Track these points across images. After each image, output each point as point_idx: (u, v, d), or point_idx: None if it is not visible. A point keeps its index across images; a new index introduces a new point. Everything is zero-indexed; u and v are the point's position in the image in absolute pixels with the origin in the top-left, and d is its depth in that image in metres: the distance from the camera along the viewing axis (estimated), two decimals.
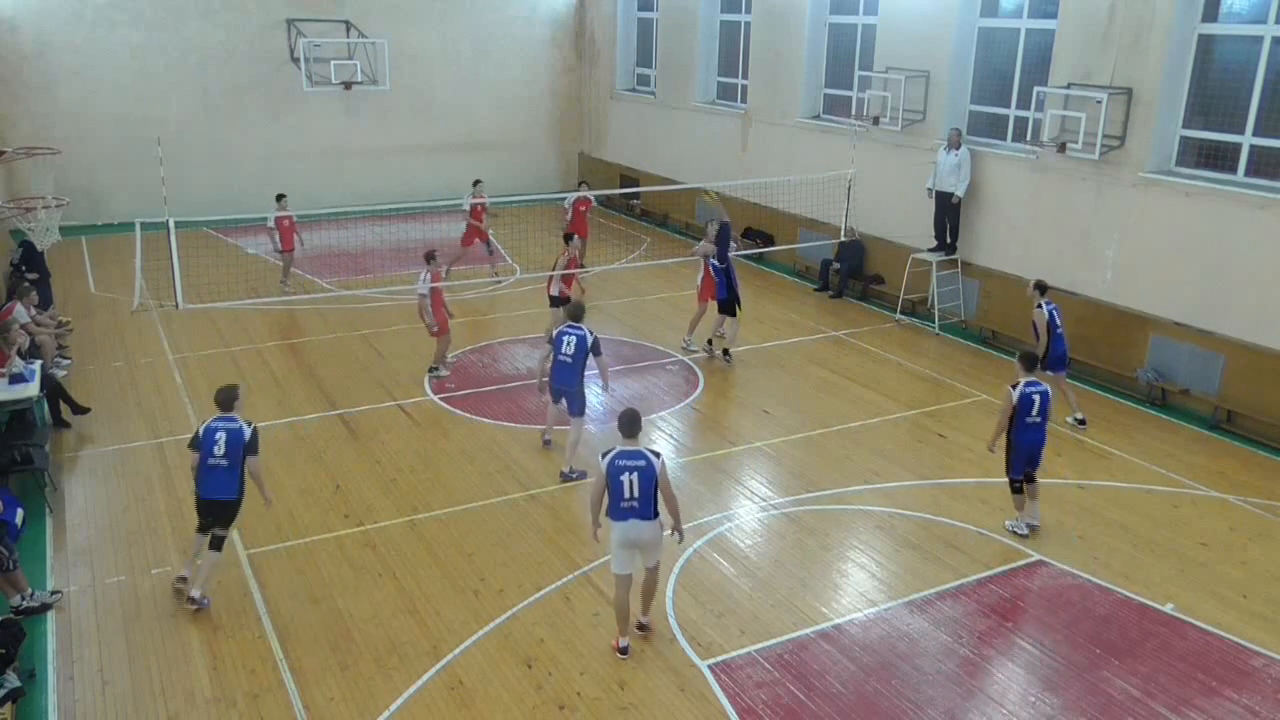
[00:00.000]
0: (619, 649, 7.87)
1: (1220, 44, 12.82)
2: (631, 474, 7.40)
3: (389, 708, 7.23)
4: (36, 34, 20.59)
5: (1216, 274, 12.57)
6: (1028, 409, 9.33)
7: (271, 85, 22.75)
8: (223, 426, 8.31)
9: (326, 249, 18.58)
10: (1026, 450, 9.48)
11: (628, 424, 7.65)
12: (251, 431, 8.33)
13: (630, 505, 7.45)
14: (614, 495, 7.47)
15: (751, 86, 20.55)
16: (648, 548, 7.68)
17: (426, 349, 14.12)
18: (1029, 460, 9.55)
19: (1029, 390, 9.33)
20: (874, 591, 8.81)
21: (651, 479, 7.45)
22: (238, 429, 8.30)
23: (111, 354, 14.22)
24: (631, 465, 7.42)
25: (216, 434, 8.27)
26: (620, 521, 7.52)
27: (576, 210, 18.22)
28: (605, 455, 7.52)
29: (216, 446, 8.23)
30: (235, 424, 8.33)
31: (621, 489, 7.42)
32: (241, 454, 8.26)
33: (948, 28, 15.90)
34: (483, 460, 11.15)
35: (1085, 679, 7.69)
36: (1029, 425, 9.39)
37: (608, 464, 7.45)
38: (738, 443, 11.74)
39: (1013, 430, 9.41)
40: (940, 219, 15.92)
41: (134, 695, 7.36)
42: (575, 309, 11.07)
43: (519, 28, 25.28)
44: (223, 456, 8.23)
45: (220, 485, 8.25)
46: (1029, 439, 9.44)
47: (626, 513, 7.48)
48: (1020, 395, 9.31)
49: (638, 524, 7.50)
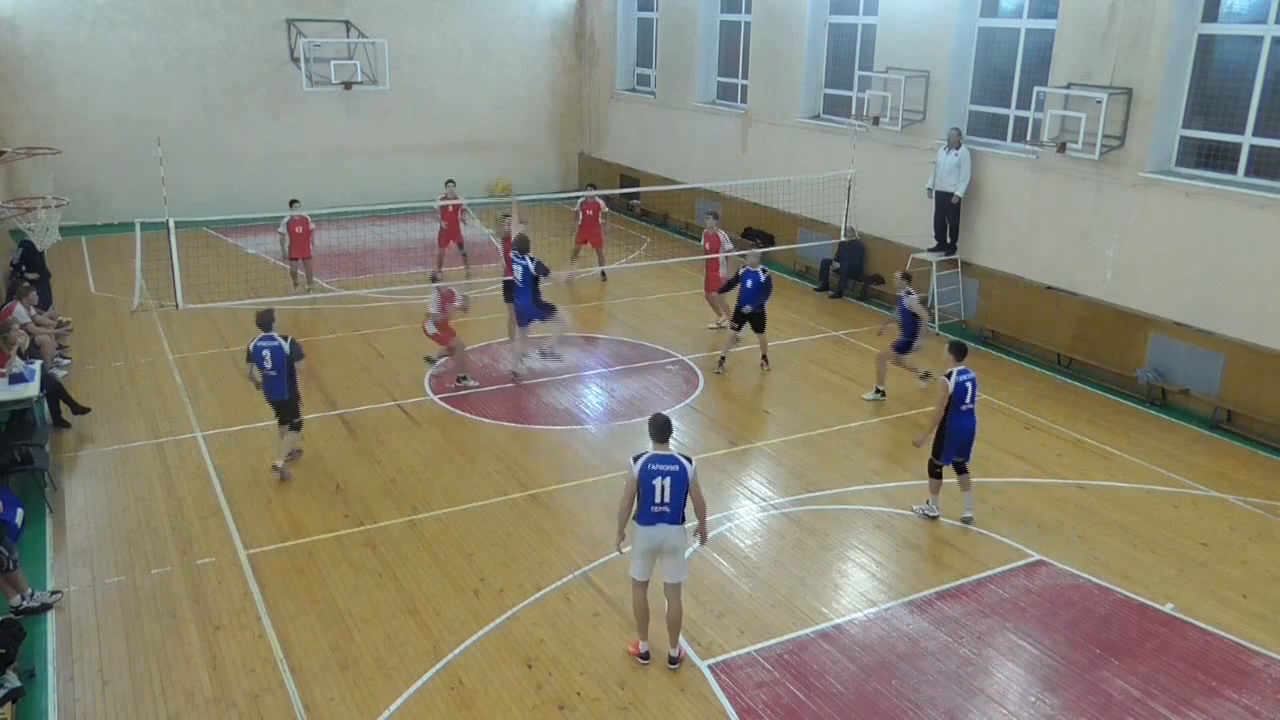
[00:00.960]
0: (639, 654, 7.73)
1: (1220, 44, 12.82)
2: (665, 479, 7.30)
3: (389, 708, 7.23)
4: (36, 34, 20.60)
5: (1216, 274, 12.57)
6: (962, 397, 9.56)
7: (271, 85, 22.75)
8: (266, 345, 10.29)
9: (327, 249, 18.56)
10: (959, 437, 9.65)
11: (659, 429, 7.49)
12: (290, 344, 10.33)
13: (661, 510, 7.36)
14: (645, 500, 7.33)
15: (751, 86, 20.55)
16: (672, 553, 7.52)
17: (426, 349, 14.13)
18: (960, 448, 9.72)
19: (962, 378, 9.57)
20: (874, 591, 8.81)
21: (684, 484, 7.37)
22: (277, 345, 10.30)
23: (111, 354, 14.23)
24: (665, 470, 7.32)
25: (262, 351, 10.30)
26: (648, 526, 7.40)
27: (585, 214, 18.14)
28: (637, 459, 7.37)
29: (265, 362, 10.30)
30: (274, 342, 10.31)
31: (654, 493, 7.31)
32: (287, 363, 10.31)
33: (948, 28, 15.90)
34: (483, 460, 11.15)
35: (1085, 679, 7.69)
36: (963, 413, 9.60)
37: (640, 468, 7.31)
38: (738, 443, 11.74)
39: (947, 418, 9.59)
40: (940, 219, 15.92)
41: (134, 695, 7.36)
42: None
43: (519, 28, 25.28)
44: (272, 369, 10.33)
45: (276, 389, 10.48)
46: (962, 426, 9.63)
47: (656, 517, 7.37)
48: (955, 384, 9.53)
49: (666, 528, 7.41)
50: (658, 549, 7.49)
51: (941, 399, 9.59)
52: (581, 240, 18.25)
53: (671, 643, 7.77)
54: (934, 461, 9.83)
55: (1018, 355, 14.93)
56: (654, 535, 7.41)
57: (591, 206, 18.19)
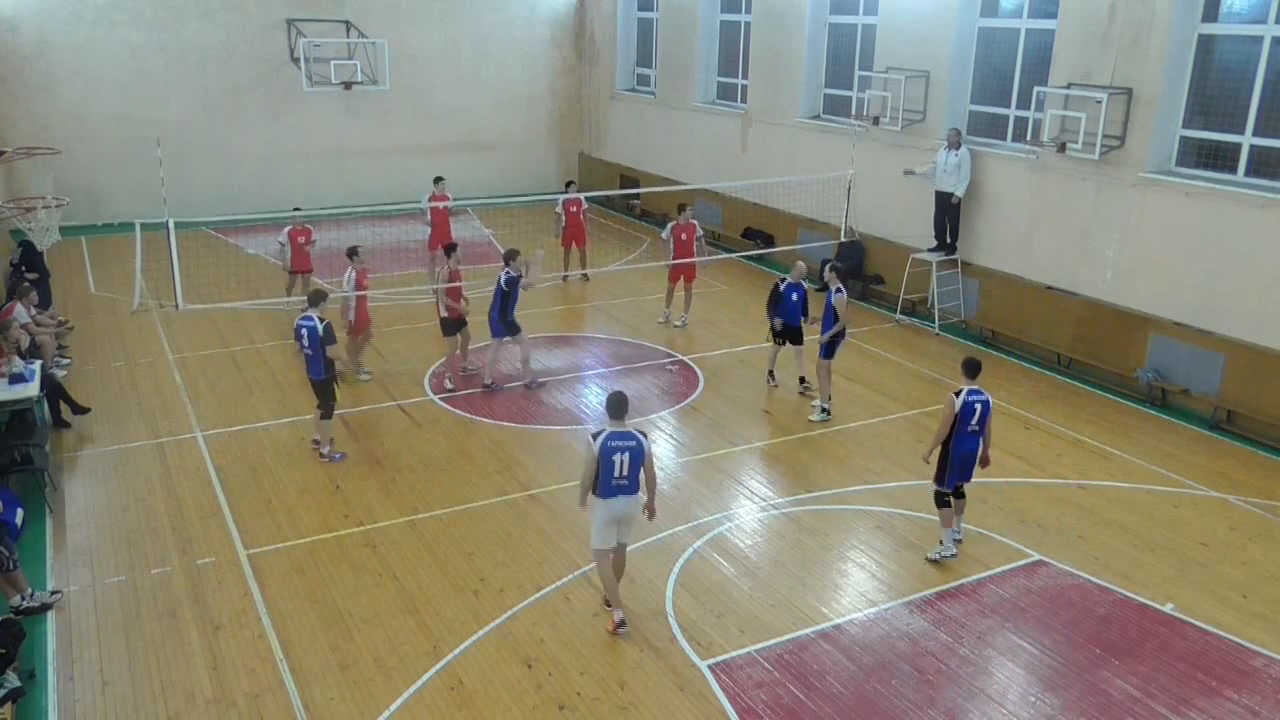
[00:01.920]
0: (616, 626, 8.08)
1: (1220, 44, 12.82)
2: (624, 454, 7.78)
3: (389, 708, 7.23)
4: (36, 34, 20.60)
5: (1216, 274, 12.57)
6: (969, 417, 8.93)
7: (271, 85, 22.75)
8: (304, 324, 10.57)
9: (327, 249, 18.56)
10: (962, 459, 9.05)
11: (616, 405, 7.93)
12: (325, 326, 10.51)
13: (621, 482, 7.86)
14: (605, 474, 7.80)
15: (751, 86, 20.55)
16: (629, 521, 8.11)
17: (426, 349, 14.15)
18: (962, 471, 9.12)
19: (971, 399, 8.92)
20: (874, 591, 8.81)
21: (641, 458, 7.85)
22: (314, 325, 10.52)
23: (111, 354, 14.22)
24: (624, 446, 7.78)
25: (301, 330, 10.60)
26: (609, 499, 7.90)
27: (568, 212, 17.90)
28: (597, 436, 7.81)
29: (303, 339, 10.58)
30: (312, 322, 10.54)
31: (613, 468, 7.79)
32: (320, 344, 10.50)
33: (948, 28, 15.90)
34: (483, 460, 11.15)
35: (1085, 679, 7.69)
36: (969, 434, 8.98)
37: (600, 444, 7.75)
38: (738, 443, 11.73)
39: (951, 438, 8.99)
40: (940, 219, 15.92)
41: (134, 695, 7.36)
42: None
43: (519, 28, 25.28)
44: (308, 347, 10.59)
45: (313, 368, 10.74)
46: (966, 447, 9.03)
47: (617, 489, 7.88)
48: (963, 403, 8.90)
49: (625, 499, 7.95)
50: (618, 518, 8.03)
51: (946, 418, 8.95)
52: (568, 242, 17.98)
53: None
54: (939, 490, 9.22)
55: (1018, 355, 14.93)
56: (614, 506, 7.95)
57: (574, 204, 17.98)
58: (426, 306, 15.74)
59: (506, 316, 12.83)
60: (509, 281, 12.68)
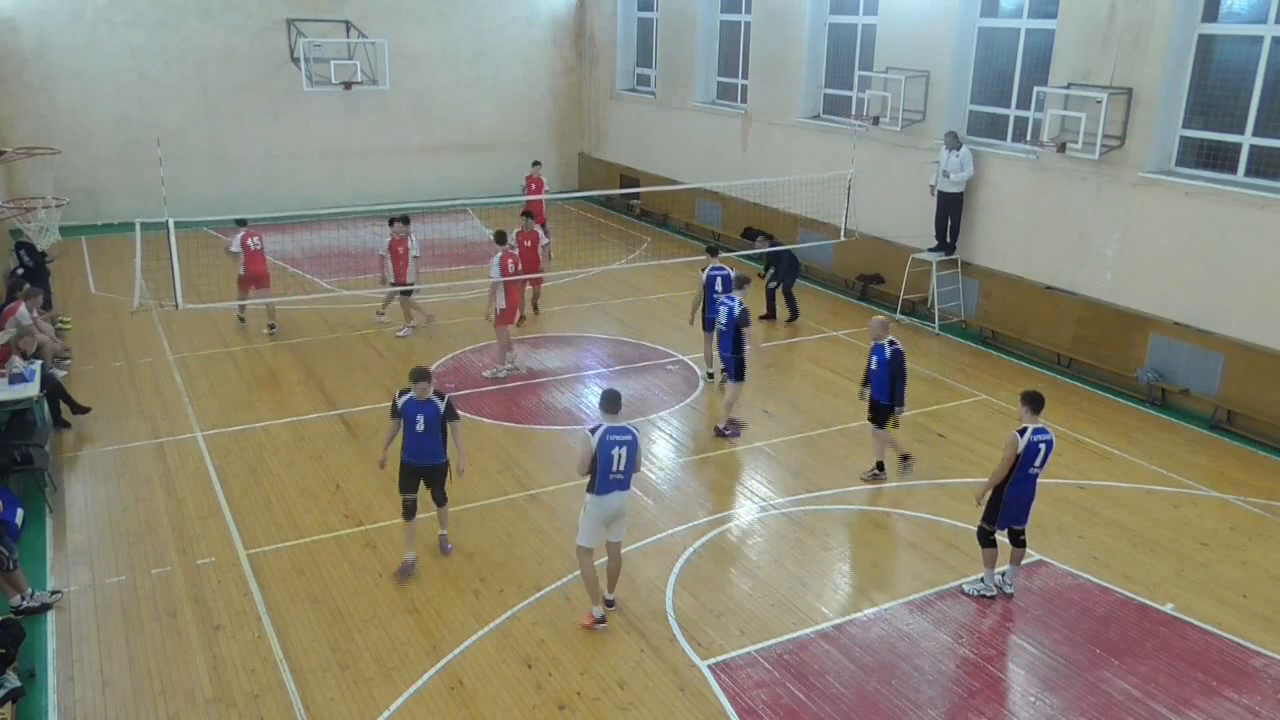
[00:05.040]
0: (595, 622, 8.11)
1: (1220, 44, 12.82)
2: (622, 448, 7.80)
3: (389, 708, 7.23)
4: (36, 34, 20.59)
5: (1216, 274, 12.57)
6: (1031, 459, 8.24)
7: (271, 85, 22.75)
8: (421, 410, 8.74)
9: (327, 249, 18.59)
10: (1018, 503, 8.43)
11: (611, 401, 8.00)
12: (447, 404, 8.80)
13: (617, 477, 7.87)
14: (603, 469, 7.79)
15: (751, 86, 20.55)
16: (620, 516, 8.11)
17: (428, 348, 14.14)
18: (1017, 514, 8.49)
19: (1037, 439, 8.20)
20: (874, 591, 8.81)
21: (635, 452, 7.89)
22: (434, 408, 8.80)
23: (111, 354, 14.22)
24: (622, 440, 7.82)
25: (416, 415, 8.74)
26: (604, 495, 7.89)
27: (529, 189, 18.84)
28: (595, 431, 7.82)
29: (418, 422, 8.76)
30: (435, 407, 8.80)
31: (611, 463, 7.79)
32: (441, 424, 8.79)
33: (948, 28, 15.90)
34: (483, 460, 11.14)
35: (1085, 679, 7.69)
36: (1029, 476, 8.35)
37: (599, 439, 7.76)
38: (738, 443, 11.73)
39: (1008, 479, 8.32)
40: (941, 218, 15.92)
41: (134, 695, 7.36)
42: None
43: (519, 28, 25.28)
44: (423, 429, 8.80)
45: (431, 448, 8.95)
46: (1023, 489, 8.39)
47: (613, 485, 7.88)
48: (1027, 444, 8.18)
49: (620, 495, 7.97)
50: (613, 516, 8.03)
51: (1007, 459, 8.22)
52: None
53: (610, 588, 8.41)
54: (984, 527, 8.59)
55: (1018, 355, 14.93)
56: (609, 503, 7.95)
57: (535, 181, 18.92)
58: (426, 306, 15.73)
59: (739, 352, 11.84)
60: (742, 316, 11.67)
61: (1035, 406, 8.33)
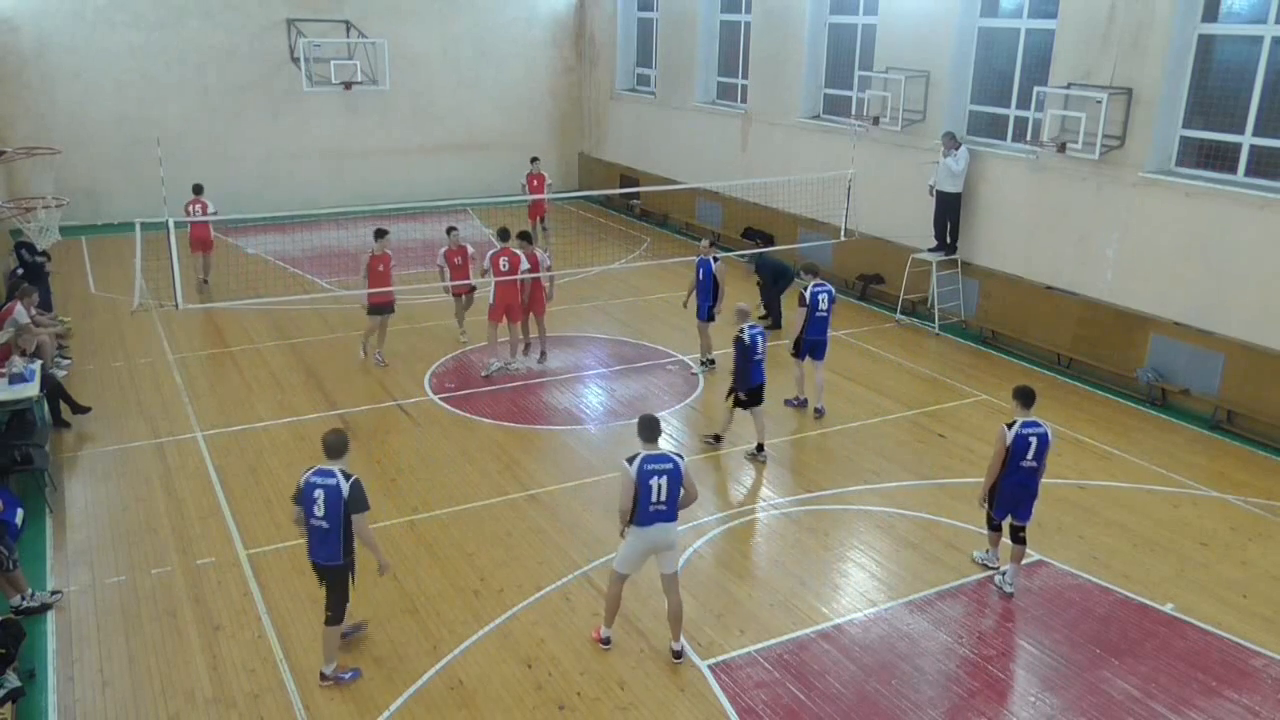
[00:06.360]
0: (601, 639, 7.92)
1: (1220, 44, 12.82)
2: (661, 478, 7.36)
3: (389, 708, 7.23)
4: (36, 34, 20.59)
5: (1216, 274, 12.57)
6: (1022, 452, 8.38)
7: (271, 85, 22.76)
8: (319, 483, 7.21)
9: (327, 249, 18.58)
10: (1012, 494, 8.55)
11: (649, 428, 7.56)
12: (352, 485, 7.24)
13: (659, 508, 7.42)
14: (643, 500, 7.36)
15: (751, 86, 20.55)
16: (668, 548, 7.61)
17: (427, 349, 14.12)
18: (1014, 505, 8.60)
19: (1025, 431, 8.36)
20: (874, 591, 8.81)
21: (679, 480, 7.44)
22: (335, 485, 7.19)
23: (111, 354, 14.22)
24: (660, 469, 7.37)
25: (315, 491, 7.20)
26: (647, 526, 7.44)
27: (530, 187, 19.28)
28: (632, 460, 7.38)
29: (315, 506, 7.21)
30: (335, 479, 7.18)
31: (651, 493, 7.36)
32: (344, 513, 7.23)
33: (948, 28, 15.90)
34: (483, 460, 11.14)
35: (1085, 679, 7.69)
36: (1022, 470, 8.45)
37: (637, 469, 7.33)
38: (738, 443, 11.73)
39: (1002, 473, 8.51)
40: (941, 219, 15.91)
41: (134, 695, 7.36)
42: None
43: (519, 28, 25.29)
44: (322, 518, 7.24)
45: (323, 547, 7.35)
46: (1018, 483, 8.50)
47: (655, 516, 7.43)
48: (1015, 436, 8.35)
49: (664, 527, 7.49)
50: (657, 547, 7.57)
51: (998, 452, 8.43)
52: (533, 215, 19.47)
53: (675, 636, 7.83)
54: (989, 515, 8.87)
55: (1018, 355, 14.93)
56: (652, 535, 7.48)
57: (536, 178, 19.36)
58: (426, 306, 15.75)
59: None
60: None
61: (1026, 401, 8.48)
